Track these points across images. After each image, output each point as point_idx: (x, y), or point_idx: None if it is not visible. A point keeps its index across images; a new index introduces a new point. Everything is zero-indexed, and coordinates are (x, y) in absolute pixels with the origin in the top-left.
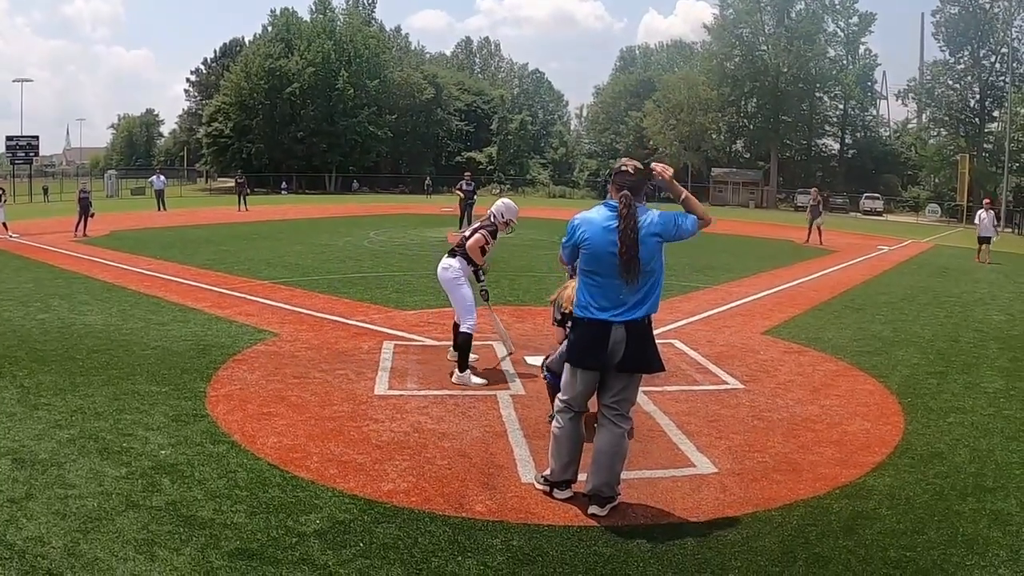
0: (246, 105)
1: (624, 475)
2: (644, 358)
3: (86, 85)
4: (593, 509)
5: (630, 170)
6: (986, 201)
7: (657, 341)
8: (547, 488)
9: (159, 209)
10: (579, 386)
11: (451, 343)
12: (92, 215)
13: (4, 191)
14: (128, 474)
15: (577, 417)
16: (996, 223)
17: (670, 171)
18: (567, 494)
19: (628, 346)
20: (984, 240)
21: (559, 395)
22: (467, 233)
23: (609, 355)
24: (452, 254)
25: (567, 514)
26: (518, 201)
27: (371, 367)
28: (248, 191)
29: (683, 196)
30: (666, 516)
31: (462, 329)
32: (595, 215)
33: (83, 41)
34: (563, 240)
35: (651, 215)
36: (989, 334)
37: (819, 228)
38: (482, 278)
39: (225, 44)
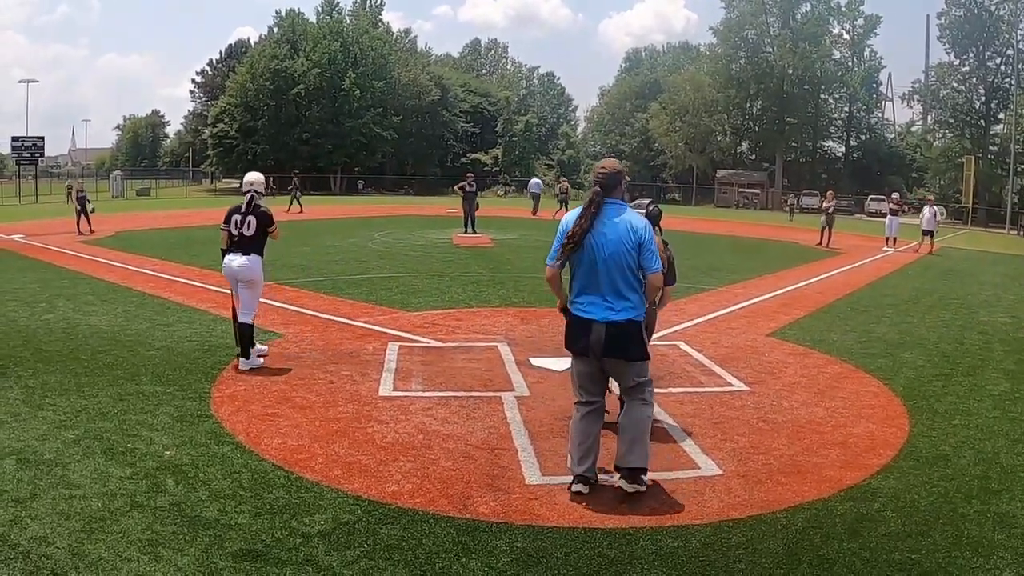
0: (251, 106)
1: None
2: (625, 349)
3: (91, 86)
4: (621, 483)
5: (604, 168)
6: (929, 199)
7: (663, 343)
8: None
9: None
10: (578, 368)
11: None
12: (93, 211)
13: None
14: (132, 474)
15: (587, 409)
16: (937, 218)
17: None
18: (579, 488)
19: (607, 340)
20: (927, 233)
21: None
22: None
23: (592, 344)
24: (247, 252)
25: (571, 516)
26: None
27: (376, 368)
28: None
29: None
30: (670, 518)
31: (248, 320)
32: (575, 210)
33: (88, 42)
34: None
35: (637, 219)
36: (994, 336)
37: (829, 230)
38: None
39: (231, 45)
